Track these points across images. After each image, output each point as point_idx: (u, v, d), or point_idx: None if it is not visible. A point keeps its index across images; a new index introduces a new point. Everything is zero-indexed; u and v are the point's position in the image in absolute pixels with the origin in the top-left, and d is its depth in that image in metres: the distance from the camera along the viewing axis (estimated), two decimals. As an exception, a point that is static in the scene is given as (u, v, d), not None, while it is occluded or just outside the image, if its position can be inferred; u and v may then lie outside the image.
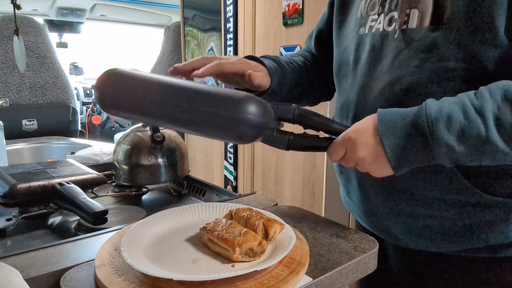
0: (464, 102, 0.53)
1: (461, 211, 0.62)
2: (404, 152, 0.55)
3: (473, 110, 0.52)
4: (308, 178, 1.78)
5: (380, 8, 0.67)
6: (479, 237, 0.63)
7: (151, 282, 0.51)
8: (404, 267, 0.75)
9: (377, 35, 0.67)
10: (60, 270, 0.57)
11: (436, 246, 0.67)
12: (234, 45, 2.12)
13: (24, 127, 2.09)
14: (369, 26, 0.69)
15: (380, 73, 0.65)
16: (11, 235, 0.79)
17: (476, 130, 0.51)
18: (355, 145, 0.58)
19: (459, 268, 0.67)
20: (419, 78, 0.60)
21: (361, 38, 0.70)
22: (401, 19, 0.63)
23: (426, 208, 0.64)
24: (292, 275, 0.54)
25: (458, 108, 0.52)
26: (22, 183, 0.83)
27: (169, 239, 0.65)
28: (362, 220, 0.77)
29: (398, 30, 0.63)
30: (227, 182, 2.29)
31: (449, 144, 0.52)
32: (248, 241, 0.57)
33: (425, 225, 0.65)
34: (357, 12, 0.73)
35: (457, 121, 0.52)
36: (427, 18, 0.60)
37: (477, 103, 0.52)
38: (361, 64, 0.70)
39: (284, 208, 0.83)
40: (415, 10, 0.61)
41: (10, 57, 2.07)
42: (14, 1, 1.30)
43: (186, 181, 1.12)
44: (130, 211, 0.90)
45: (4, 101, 1.37)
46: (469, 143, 0.52)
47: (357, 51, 0.71)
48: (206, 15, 2.41)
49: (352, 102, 0.71)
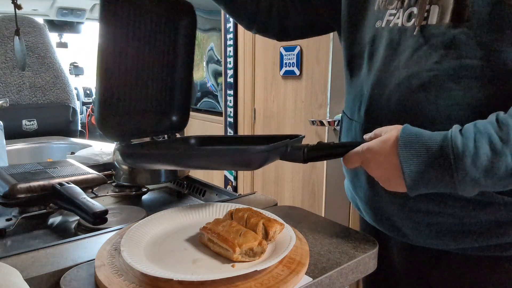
0: (489, 132, 0.51)
1: (471, 210, 0.62)
2: (424, 180, 0.54)
3: (499, 141, 0.50)
4: (308, 178, 1.78)
5: (399, 3, 0.66)
6: (488, 236, 0.62)
7: (151, 282, 0.51)
8: (409, 265, 0.75)
9: (395, 30, 0.66)
10: (60, 270, 0.57)
11: (444, 244, 0.66)
12: (234, 45, 2.12)
13: (24, 127, 2.09)
14: (386, 20, 0.68)
15: (396, 68, 0.65)
16: (11, 235, 0.79)
17: (504, 163, 0.50)
18: (370, 163, 0.59)
19: (465, 267, 0.67)
20: (436, 74, 0.60)
21: (377, 32, 0.70)
22: (420, 15, 0.63)
23: (438, 206, 0.63)
24: (292, 275, 0.54)
25: (484, 140, 0.51)
26: (22, 183, 0.83)
27: (169, 239, 0.65)
28: (368, 216, 0.77)
29: (417, 26, 0.63)
30: (227, 182, 2.29)
31: (475, 179, 0.51)
32: (248, 241, 0.57)
33: (434, 222, 0.65)
34: (374, 5, 0.72)
35: (484, 155, 0.50)
36: (447, 15, 0.60)
37: (501, 132, 0.51)
38: (377, 58, 0.69)
39: (284, 208, 0.83)
40: (436, 6, 0.61)
41: (10, 57, 2.07)
42: (15, 1, 1.30)
43: (186, 181, 1.12)
44: (130, 211, 0.90)
45: (4, 101, 1.37)
46: (497, 176, 0.51)
47: (373, 45, 0.70)
48: (206, 15, 2.41)
49: (365, 96, 0.70)
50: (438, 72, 0.60)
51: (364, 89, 0.71)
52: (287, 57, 1.81)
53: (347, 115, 0.78)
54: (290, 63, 1.80)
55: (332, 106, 1.63)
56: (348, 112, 0.77)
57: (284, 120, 1.90)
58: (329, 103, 1.63)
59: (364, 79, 0.71)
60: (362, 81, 0.72)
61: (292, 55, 1.78)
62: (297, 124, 1.83)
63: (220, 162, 0.68)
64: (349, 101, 0.77)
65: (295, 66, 1.77)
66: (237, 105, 2.23)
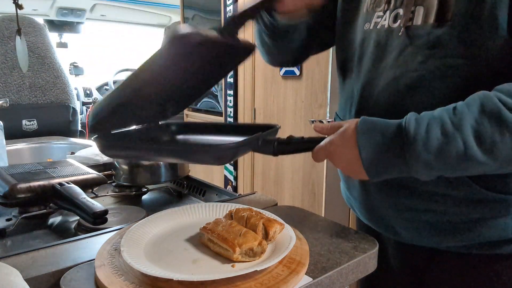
0: (442, 118, 0.54)
1: (462, 207, 0.62)
2: (380, 164, 0.57)
3: (451, 126, 0.53)
4: (308, 178, 1.78)
5: (386, 5, 0.68)
6: (480, 233, 0.63)
7: (151, 282, 0.52)
8: (404, 264, 0.76)
9: (382, 31, 0.67)
10: (60, 270, 0.57)
11: (436, 242, 0.67)
12: (234, 45, 2.12)
13: (24, 127, 2.08)
14: (374, 22, 0.69)
15: (384, 69, 0.66)
16: (11, 235, 0.79)
17: (454, 147, 0.52)
18: (334, 156, 0.62)
19: (459, 265, 0.67)
20: (423, 74, 0.61)
21: (365, 34, 0.71)
22: (406, 16, 0.64)
23: (428, 203, 0.64)
24: (292, 275, 0.54)
25: (436, 125, 0.53)
26: (22, 183, 0.83)
27: (169, 239, 0.65)
28: (362, 216, 0.77)
29: (403, 27, 0.64)
30: (227, 182, 2.29)
31: (427, 161, 0.54)
32: (248, 241, 0.57)
33: (426, 220, 0.66)
34: (363, 7, 0.73)
35: (434, 139, 0.53)
36: (432, 15, 0.61)
37: (455, 118, 0.53)
38: (366, 59, 0.70)
39: (284, 208, 0.83)
40: (420, 7, 0.62)
41: (10, 57, 2.07)
42: (16, 1, 1.30)
43: (186, 181, 1.12)
44: (130, 211, 0.90)
45: (4, 101, 1.37)
46: (448, 160, 0.53)
47: (362, 47, 0.72)
48: (206, 15, 2.41)
49: (356, 97, 0.71)
50: (423, 72, 0.61)
51: (355, 91, 0.72)
52: (287, 57, 1.81)
53: (340, 117, 0.79)
54: (290, 63, 1.80)
55: (332, 106, 1.63)
56: (341, 114, 0.78)
57: (284, 120, 1.90)
58: (329, 103, 1.63)
59: (355, 81, 0.73)
60: (353, 83, 0.73)
61: (292, 55, 1.78)
62: (297, 124, 1.83)
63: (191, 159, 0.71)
64: (342, 103, 0.78)
65: (295, 66, 1.77)
66: (237, 105, 2.23)
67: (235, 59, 0.80)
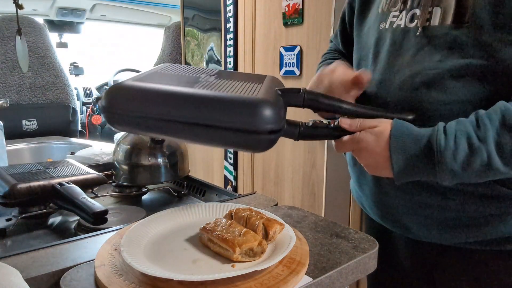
0: (468, 131, 0.56)
1: (478, 203, 0.63)
2: (408, 168, 0.59)
3: (476, 140, 0.55)
4: (308, 178, 1.78)
5: (402, 5, 0.68)
6: (494, 229, 0.63)
7: (151, 282, 0.52)
8: (415, 261, 0.76)
9: (398, 30, 0.68)
10: (60, 270, 0.57)
11: (449, 238, 0.67)
12: (234, 45, 2.12)
13: (24, 127, 2.09)
14: (390, 21, 0.70)
15: (400, 67, 0.67)
16: (11, 235, 0.79)
17: (479, 159, 0.55)
18: (361, 153, 0.62)
19: (470, 262, 0.68)
20: (439, 72, 0.62)
21: (381, 33, 0.72)
22: (423, 17, 0.64)
23: (443, 200, 0.65)
24: (292, 275, 0.54)
25: (463, 137, 0.56)
26: (22, 183, 0.83)
27: (169, 239, 0.65)
28: (373, 212, 0.78)
29: (420, 27, 0.65)
30: (227, 182, 2.29)
31: (453, 171, 0.56)
32: (248, 241, 0.57)
33: (439, 216, 0.66)
34: (378, 8, 0.74)
35: (463, 151, 0.55)
36: (449, 16, 0.61)
37: (479, 132, 0.55)
38: (381, 58, 0.71)
39: (284, 208, 0.83)
40: (438, 8, 0.63)
41: (10, 57, 2.07)
42: (16, 1, 1.30)
43: (186, 181, 1.12)
44: (130, 211, 0.90)
45: (4, 101, 1.36)
46: (473, 170, 0.56)
47: (377, 46, 0.72)
48: (206, 15, 2.41)
49: (371, 95, 0.72)
50: (440, 70, 0.62)
51: (370, 89, 0.72)
52: (287, 57, 1.81)
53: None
54: (290, 63, 1.80)
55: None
56: None
57: (284, 120, 1.90)
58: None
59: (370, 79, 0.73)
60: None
61: (292, 55, 1.78)
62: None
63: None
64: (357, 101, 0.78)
65: (295, 66, 1.77)
66: (237, 105, 2.23)
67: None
